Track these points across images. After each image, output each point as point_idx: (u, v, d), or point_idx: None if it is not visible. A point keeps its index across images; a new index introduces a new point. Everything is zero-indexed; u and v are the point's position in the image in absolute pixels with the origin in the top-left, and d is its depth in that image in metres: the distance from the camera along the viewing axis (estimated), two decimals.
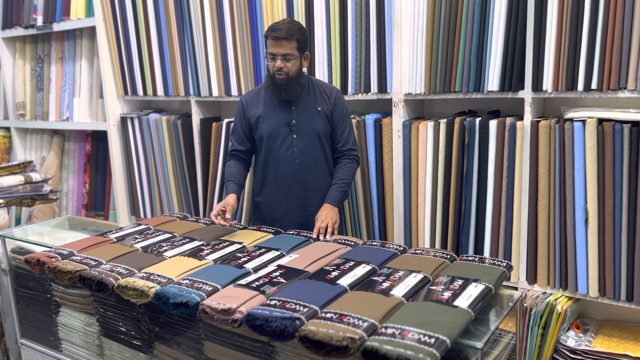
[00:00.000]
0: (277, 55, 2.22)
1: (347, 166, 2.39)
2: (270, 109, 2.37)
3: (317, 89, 2.40)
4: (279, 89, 2.29)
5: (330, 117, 2.39)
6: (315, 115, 2.36)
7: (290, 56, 2.23)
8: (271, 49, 2.23)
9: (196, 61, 3.14)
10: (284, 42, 2.21)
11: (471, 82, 2.34)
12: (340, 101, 2.42)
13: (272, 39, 2.21)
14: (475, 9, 2.29)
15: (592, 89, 2.09)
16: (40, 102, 3.92)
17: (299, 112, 2.35)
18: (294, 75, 2.27)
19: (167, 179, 3.42)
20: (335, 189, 2.34)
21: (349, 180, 2.37)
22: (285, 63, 2.23)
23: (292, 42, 2.22)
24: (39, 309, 2.32)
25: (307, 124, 2.35)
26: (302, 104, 2.36)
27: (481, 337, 1.40)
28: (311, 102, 2.37)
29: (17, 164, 3.56)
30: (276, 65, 2.23)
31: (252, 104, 2.41)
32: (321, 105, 2.37)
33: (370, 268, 1.75)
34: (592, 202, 2.13)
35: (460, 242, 2.46)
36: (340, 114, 2.40)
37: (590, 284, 2.18)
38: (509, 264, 1.77)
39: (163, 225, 2.38)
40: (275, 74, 2.25)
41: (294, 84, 2.29)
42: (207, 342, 1.72)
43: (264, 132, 2.37)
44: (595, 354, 2.10)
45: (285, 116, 2.35)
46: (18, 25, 3.81)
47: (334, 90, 2.42)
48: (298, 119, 2.35)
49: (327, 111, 2.38)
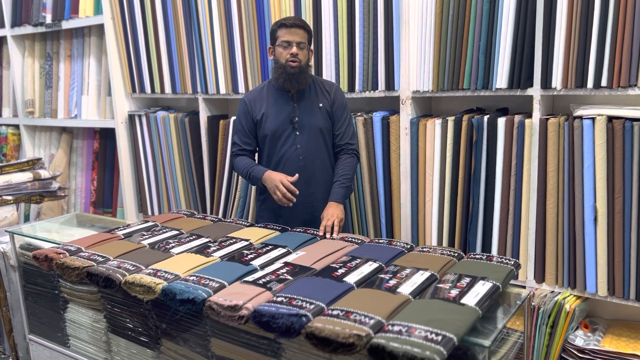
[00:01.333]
0: (293, 42, 2.28)
1: (346, 161, 2.40)
2: (273, 107, 2.39)
3: (318, 85, 2.44)
4: (290, 77, 2.31)
5: (330, 113, 2.42)
6: (317, 111, 2.39)
7: (304, 45, 2.31)
8: (286, 37, 2.28)
9: (204, 59, 3.14)
10: (299, 30, 2.29)
11: (479, 79, 2.33)
12: (340, 96, 2.45)
13: (287, 27, 2.29)
14: (483, 5, 2.27)
15: (602, 86, 2.07)
16: (49, 100, 3.94)
17: (301, 109, 2.37)
18: (304, 65, 2.33)
19: (175, 176, 3.43)
20: (338, 186, 2.35)
21: (350, 176, 2.38)
22: (299, 50, 2.29)
23: (305, 32, 2.32)
24: (47, 305, 2.33)
25: (310, 120, 2.38)
26: (304, 101, 2.39)
27: (488, 335, 1.39)
28: (313, 98, 2.40)
29: (26, 161, 3.59)
30: (292, 52, 2.27)
31: (256, 102, 2.43)
32: (322, 101, 2.40)
33: (377, 266, 1.74)
34: (602, 201, 2.11)
35: (467, 240, 2.45)
36: (340, 108, 2.43)
37: (599, 283, 2.17)
38: (517, 262, 1.76)
39: (170, 222, 2.39)
40: (289, 62, 2.28)
41: (305, 74, 2.33)
42: (214, 339, 1.72)
43: (267, 130, 2.38)
44: (603, 353, 2.08)
45: (288, 113, 2.37)
46: (27, 23, 3.83)
47: (333, 86, 2.47)
48: (301, 115, 2.37)
49: (328, 107, 2.42)
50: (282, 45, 2.29)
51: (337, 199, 2.31)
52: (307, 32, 2.33)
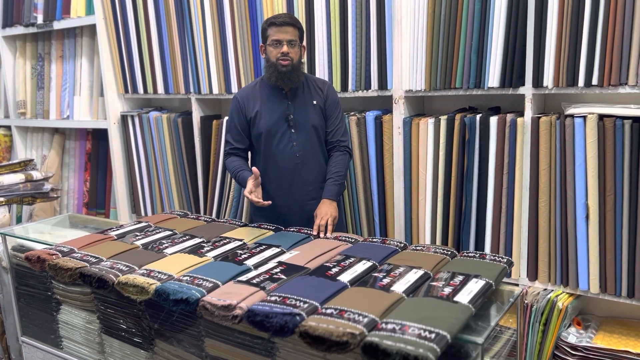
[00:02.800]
0: (283, 40, 2.26)
1: (338, 159, 2.40)
2: (266, 105, 2.38)
3: (311, 83, 2.44)
4: (282, 76, 2.29)
5: (323, 110, 2.43)
6: (311, 109, 2.39)
7: (295, 42, 2.29)
8: (276, 35, 2.27)
9: (196, 59, 3.14)
10: (289, 28, 2.27)
11: (472, 78, 2.34)
12: (332, 93, 2.45)
13: (277, 25, 2.27)
14: (475, 4, 2.28)
15: (593, 84, 2.08)
16: (40, 101, 3.92)
17: (295, 106, 2.37)
18: (297, 63, 2.31)
19: (168, 177, 3.42)
20: (331, 183, 2.34)
21: (342, 173, 2.38)
22: (290, 49, 2.27)
23: (295, 29, 2.30)
24: (40, 307, 2.32)
25: (304, 117, 2.37)
26: (298, 98, 2.38)
27: (482, 332, 1.40)
28: (307, 96, 2.40)
29: (18, 162, 3.56)
30: (282, 51, 2.26)
31: (249, 100, 2.42)
32: (316, 98, 2.41)
33: (371, 264, 1.74)
34: (593, 199, 2.12)
35: (461, 239, 2.46)
36: (332, 105, 2.43)
37: (591, 281, 2.18)
38: (509, 259, 1.77)
39: (163, 222, 2.38)
40: (280, 60, 2.27)
41: (297, 72, 2.32)
42: (208, 339, 1.72)
43: (262, 128, 2.37)
44: (596, 350, 2.09)
45: (283, 111, 2.36)
46: (18, 24, 3.81)
47: (325, 84, 2.47)
48: (295, 113, 2.37)
49: (321, 104, 2.42)
50: (272, 44, 2.28)
51: (331, 196, 2.31)
52: (298, 29, 2.32)
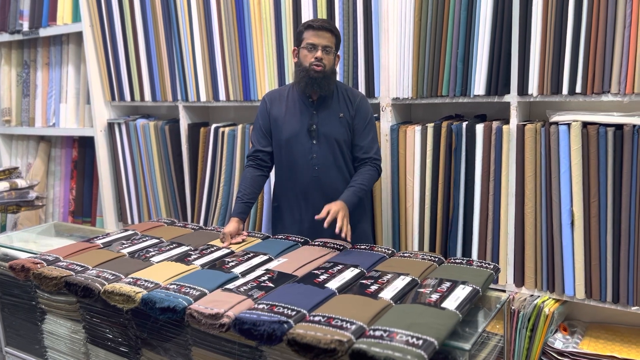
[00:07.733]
0: (319, 45, 2.17)
1: (368, 172, 2.25)
2: (291, 112, 2.29)
3: (342, 93, 2.31)
4: (312, 82, 2.18)
5: (351, 124, 2.29)
6: (336, 121, 2.26)
7: (330, 49, 2.19)
8: (312, 39, 2.17)
9: (184, 66, 3.13)
10: (326, 33, 2.17)
11: (458, 86, 2.36)
12: (364, 107, 2.31)
13: (314, 29, 2.17)
14: (461, 14, 2.31)
15: (577, 92, 2.11)
16: (26, 108, 3.89)
17: (320, 117, 2.26)
18: (329, 70, 2.20)
19: (155, 185, 3.40)
20: (352, 193, 2.16)
21: (366, 188, 2.22)
22: (325, 55, 2.18)
23: (333, 36, 2.20)
24: (24, 317, 2.29)
25: (328, 130, 2.25)
26: (324, 109, 2.27)
27: (469, 338, 1.41)
28: (334, 107, 2.28)
29: (3, 170, 3.53)
30: (317, 56, 2.15)
31: (275, 102, 2.33)
32: (343, 111, 2.28)
33: (359, 271, 1.75)
34: (578, 205, 2.15)
35: (448, 246, 2.47)
36: (363, 121, 2.29)
37: (577, 286, 2.20)
38: (496, 266, 1.79)
39: (150, 230, 2.37)
40: (313, 65, 2.16)
41: (328, 80, 2.20)
42: (195, 348, 1.71)
43: (283, 136, 2.28)
44: (582, 355, 2.11)
45: (307, 121, 2.26)
46: (3, 31, 3.78)
47: (358, 96, 2.33)
48: (319, 124, 2.25)
49: (349, 117, 2.28)
50: (307, 47, 2.17)
51: (346, 202, 2.12)
52: (335, 36, 2.21)
